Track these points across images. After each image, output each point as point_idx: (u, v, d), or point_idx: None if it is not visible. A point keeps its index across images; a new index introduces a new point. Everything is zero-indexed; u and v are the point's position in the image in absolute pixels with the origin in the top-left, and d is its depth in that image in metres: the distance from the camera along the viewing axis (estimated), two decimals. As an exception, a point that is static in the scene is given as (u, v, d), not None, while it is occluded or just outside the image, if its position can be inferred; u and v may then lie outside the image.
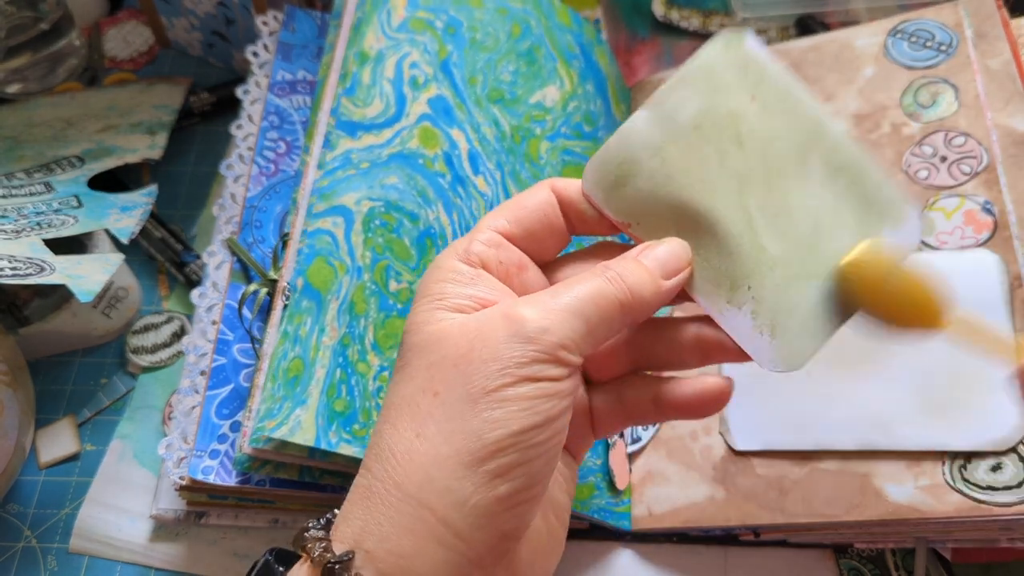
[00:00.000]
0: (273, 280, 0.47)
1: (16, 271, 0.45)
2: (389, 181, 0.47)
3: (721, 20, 0.66)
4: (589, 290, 0.31)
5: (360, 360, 0.43)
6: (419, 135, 0.49)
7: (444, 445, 0.29)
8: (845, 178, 0.34)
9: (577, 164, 0.54)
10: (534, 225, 0.34)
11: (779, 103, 0.33)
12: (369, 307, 0.44)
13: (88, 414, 0.54)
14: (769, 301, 0.33)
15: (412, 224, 0.47)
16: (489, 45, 0.53)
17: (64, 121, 0.61)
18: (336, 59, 0.50)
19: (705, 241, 0.33)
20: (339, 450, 0.41)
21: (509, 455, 0.29)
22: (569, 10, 0.58)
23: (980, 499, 0.40)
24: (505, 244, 0.34)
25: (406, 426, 0.30)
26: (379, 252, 0.45)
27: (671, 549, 0.48)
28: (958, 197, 0.47)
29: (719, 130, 0.33)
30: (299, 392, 0.41)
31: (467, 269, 0.32)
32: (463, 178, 0.49)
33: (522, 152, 0.52)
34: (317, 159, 0.48)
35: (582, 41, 0.58)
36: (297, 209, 0.48)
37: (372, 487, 0.29)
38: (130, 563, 0.49)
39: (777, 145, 0.33)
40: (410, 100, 0.49)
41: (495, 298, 0.32)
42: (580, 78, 0.57)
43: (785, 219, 0.33)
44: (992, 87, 0.48)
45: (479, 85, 0.52)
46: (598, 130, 0.56)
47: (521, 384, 0.29)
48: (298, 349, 0.42)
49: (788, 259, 0.33)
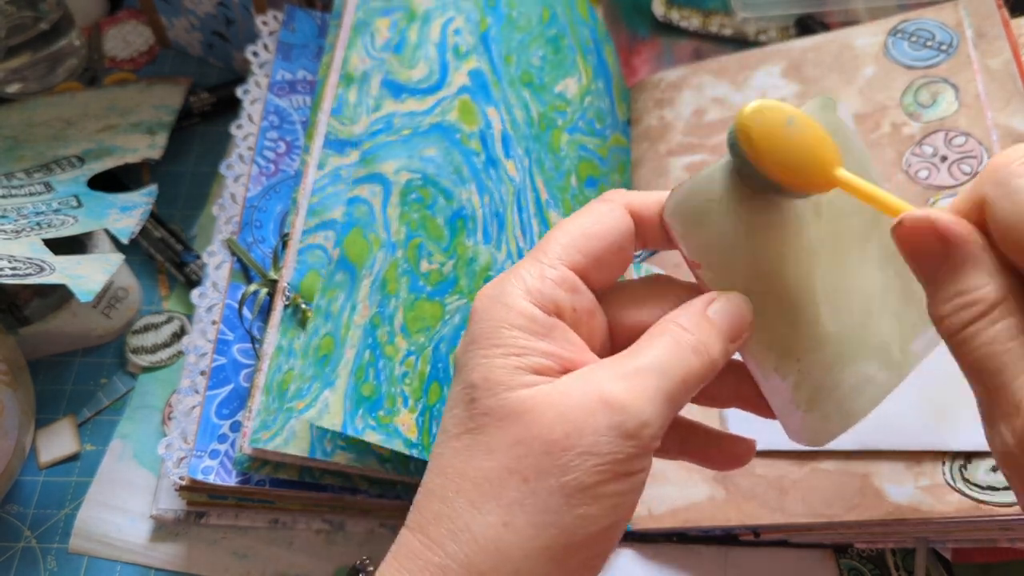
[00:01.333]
0: (273, 280, 0.47)
1: (16, 271, 0.45)
2: (428, 153, 0.45)
3: (721, 20, 0.66)
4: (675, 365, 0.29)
5: (388, 343, 0.42)
6: (459, 108, 0.47)
7: (535, 539, 0.27)
8: (895, 266, 0.33)
9: (590, 160, 0.54)
10: (608, 257, 0.31)
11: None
12: (400, 287, 0.43)
13: (88, 414, 0.54)
14: (814, 377, 0.32)
15: (446, 202, 0.45)
16: (523, 25, 0.52)
17: (64, 121, 0.61)
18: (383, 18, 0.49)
19: (769, 304, 0.32)
20: (364, 436, 0.40)
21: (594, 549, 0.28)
22: (587, 4, 0.58)
23: (980, 499, 0.40)
24: (580, 287, 0.31)
25: (491, 510, 0.28)
26: (413, 228, 0.44)
27: (671, 549, 0.48)
28: (958, 197, 0.47)
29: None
30: (328, 372, 0.40)
31: (543, 318, 0.30)
32: (495, 160, 0.48)
33: (546, 141, 0.51)
34: (317, 159, 0.48)
35: (596, 37, 0.58)
36: (297, 209, 0.48)
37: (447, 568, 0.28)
38: (130, 563, 0.49)
39: (848, 223, 0.33)
40: (452, 68, 0.48)
41: (574, 356, 0.30)
42: (594, 74, 0.56)
43: (844, 298, 0.33)
44: (992, 87, 0.48)
45: (513, 65, 0.51)
46: (606, 128, 0.56)
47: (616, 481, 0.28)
48: (329, 326, 0.41)
49: (839, 339, 0.32)
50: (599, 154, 0.55)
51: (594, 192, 0.54)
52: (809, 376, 0.32)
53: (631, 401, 0.28)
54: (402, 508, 0.48)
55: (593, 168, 0.54)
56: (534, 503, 0.27)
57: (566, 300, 0.30)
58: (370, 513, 0.48)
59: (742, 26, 0.65)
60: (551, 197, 0.51)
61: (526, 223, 0.49)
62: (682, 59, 0.65)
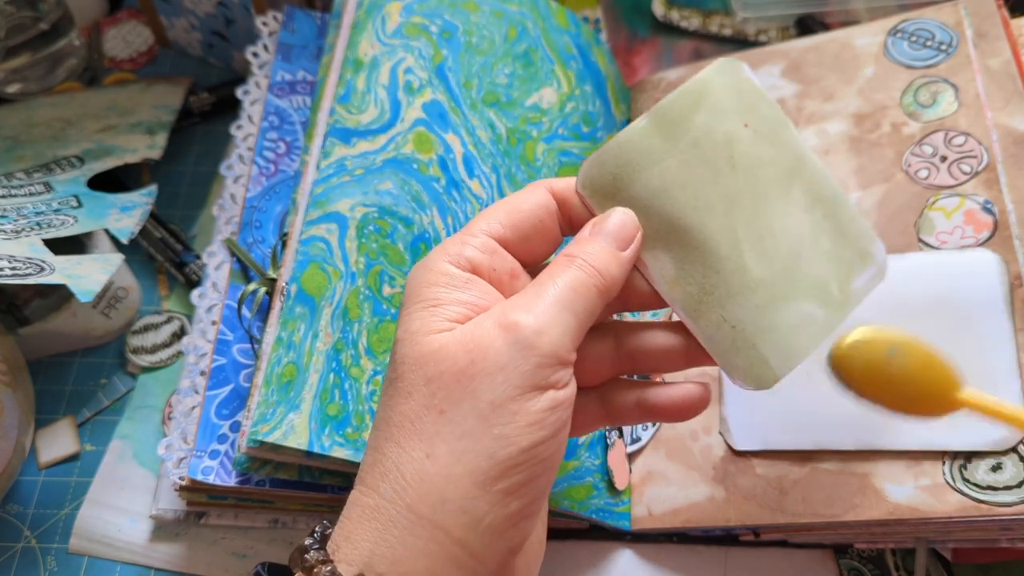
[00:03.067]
0: (272, 280, 0.47)
1: (16, 271, 0.45)
2: (383, 187, 0.47)
3: (721, 20, 0.66)
4: (568, 281, 0.31)
5: (354, 365, 0.43)
6: (413, 140, 0.49)
7: (456, 465, 0.28)
8: (823, 209, 0.36)
9: (574, 164, 0.54)
10: (529, 229, 0.34)
11: (769, 132, 0.35)
12: (363, 312, 0.44)
13: (88, 414, 0.54)
14: (748, 321, 0.34)
15: (406, 229, 0.47)
16: (484, 48, 0.53)
17: (64, 121, 0.61)
18: (335, 62, 0.50)
19: (692, 257, 0.34)
20: (332, 453, 0.41)
21: (521, 472, 0.29)
22: (567, 12, 0.58)
23: (980, 499, 0.40)
24: (499, 250, 0.33)
25: (413, 445, 0.29)
26: (373, 257, 0.45)
27: (671, 549, 0.48)
28: (958, 197, 0.47)
29: (715, 149, 0.34)
30: (292, 397, 0.42)
31: (459, 273, 0.32)
32: (458, 182, 0.49)
33: (518, 154, 0.52)
34: (316, 159, 0.49)
35: (580, 42, 0.58)
36: (297, 209, 0.48)
37: (380, 507, 0.29)
38: (130, 563, 0.49)
39: (765, 171, 0.35)
40: (405, 105, 0.49)
41: (489, 304, 0.31)
42: (578, 79, 0.57)
43: (769, 242, 0.34)
44: (992, 87, 0.48)
45: (474, 88, 0.52)
46: (596, 130, 0.56)
47: (528, 396, 0.29)
48: (292, 355, 0.42)
49: (769, 281, 0.34)
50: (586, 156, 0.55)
51: None
52: (743, 320, 0.34)
53: (526, 318, 0.29)
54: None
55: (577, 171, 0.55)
56: (451, 431, 0.29)
57: (484, 260, 0.32)
58: (370, 513, 0.48)
59: (742, 26, 0.65)
60: None
61: None
62: (682, 59, 0.65)
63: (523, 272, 0.34)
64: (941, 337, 0.33)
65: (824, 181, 0.36)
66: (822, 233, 0.35)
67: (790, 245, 0.35)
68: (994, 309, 0.43)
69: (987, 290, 0.44)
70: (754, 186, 0.34)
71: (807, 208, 0.35)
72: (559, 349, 0.30)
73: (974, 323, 0.43)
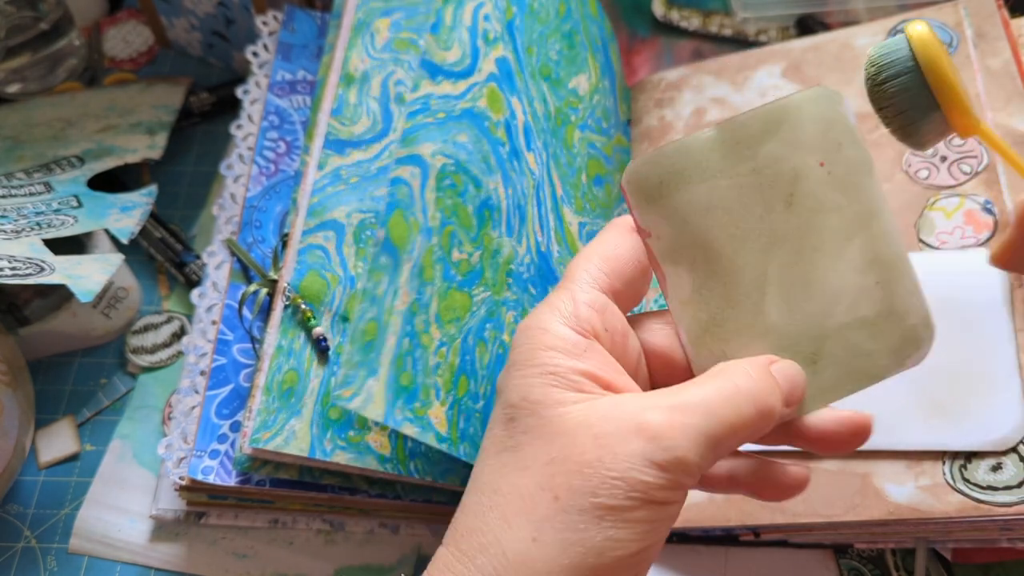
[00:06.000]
0: (273, 280, 0.47)
1: (16, 271, 0.45)
2: (460, 139, 0.45)
3: (721, 20, 0.66)
4: (726, 409, 0.29)
5: (424, 331, 0.41)
6: (488, 95, 0.47)
7: (563, 557, 0.27)
8: (878, 273, 0.32)
9: (598, 159, 0.54)
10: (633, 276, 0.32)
11: (845, 176, 0.32)
12: (435, 274, 0.42)
13: (88, 414, 0.54)
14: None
15: (476, 191, 0.45)
16: (543, 17, 0.52)
17: (64, 121, 0.61)
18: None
19: (712, 284, 0.32)
20: (402, 429, 0.39)
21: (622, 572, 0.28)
22: (597, 2, 0.58)
23: (980, 499, 0.40)
24: (611, 307, 0.32)
25: (521, 525, 0.28)
26: (447, 215, 0.43)
27: (671, 549, 0.48)
28: (958, 197, 0.47)
29: (776, 183, 0.32)
30: (372, 359, 0.39)
31: (578, 340, 0.30)
32: (518, 151, 0.48)
33: (561, 136, 0.51)
34: (317, 159, 0.49)
35: (603, 35, 0.58)
36: (297, 209, 0.48)
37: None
38: (130, 563, 0.49)
39: (825, 218, 0.32)
40: (482, 55, 0.47)
41: (609, 375, 0.30)
42: (601, 72, 0.56)
43: (799, 292, 0.32)
44: (992, 87, 0.48)
45: (534, 56, 0.50)
46: (610, 128, 0.56)
47: (645, 508, 0.28)
48: (374, 310, 0.40)
49: (783, 331, 0.32)
50: (605, 153, 0.55)
51: (601, 191, 0.54)
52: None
53: (667, 433, 0.28)
54: (402, 508, 0.48)
55: (600, 167, 0.54)
56: (563, 521, 0.28)
57: (599, 322, 0.31)
58: (370, 513, 0.48)
59: (742, 26, 0.65)
60: (565, 193, 0.51)
61: (544, 218, 0.49)
62: (682, 59, 0.65)
63: (631, 331, 0.33)
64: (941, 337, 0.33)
65: (892, 244, 0.32)
66: (866, 299, 0.32)
67: (822, 302, 0.32)
68: (994, 309, 0.43)
69: (987, 290, 0.44)
70: (805, 231, 0.32)
71: (860, 268, 0.32)
72: (688, 478, 0.28)
73: (974, 323, 0.43)
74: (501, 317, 0.45)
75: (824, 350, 0.32)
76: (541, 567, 0.27)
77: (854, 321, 0.32)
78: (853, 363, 0.32)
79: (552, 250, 0.49)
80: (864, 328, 0.32)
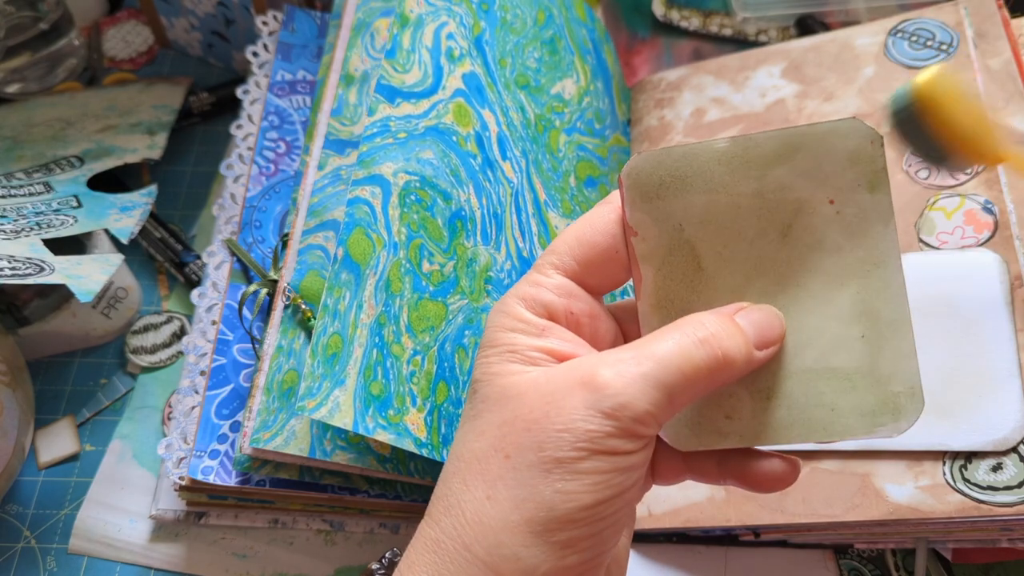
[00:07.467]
0: (273, 280, 0.47)
1: (16, 271, 0.45)
2: (425, 156, 0.46)
3: (721, 20, 0.66)
4: (675, 354, 0.29)
5: (395, 342, 0.42)
6: (454, 111, 0.47)
7: (514, 512, 0.28)
8: (866, 327, 0.30)
9: (589, 161, 0.54)
10: (605, 263, 0.32)
11: (856, 220, 0.30)
12: (404, 286, 0.43)
13: (88, 414, 0.54)
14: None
15: (445, 204, 0.46)
16: (518, 28, 0.52)
17: (64, 121, 0.61)
18: (379, 27, 0.49)
19: (686, 296, 0.32)
20: (375, 436, 0.40)
21: (580, 528, 0.28)
22: (585, 5, 0.58)
23: (980, 499, 0.40)
24: (576, 292, 0.32)
25: (476, 485, 0.29)
26: (414, 229, 0.44)
27: (671, 549, 0.48)
28: (958, 197, 0.47)
29: (775, 212, 0.31)
30: (338, 371, 0.40)
31: (536, 320, 0.31)
32: (492, 162, 0.48)
33: (544, 142, 0.51)
34: (317, 159, 0.48)
35: (594, 38, 0.58)
36: (297, 209, 0.48)
37: (440, 542, 0.29)
38: (130, 563, 0.49)
39: (821, 258, 0.30)
40: (447, 72, 0.48)
41: (568, 350, 0.31)
42: (592, 75, 0.56)
43: None
44: (992, 87, 0.48)
45: (508, 68, 0.51)
46: (605, 128, 0.56)
47: (595, 458, 0.28)
48: (337, 324, 0.41)
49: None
50: (599, 154, 0.55)
51: (594, 192, 0.54)
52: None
53: (613, 382, 0.28)
54: (402, 508, 0.48)
55: (592, 168, 0.54)
56: (514, 477, 0.28)
57: (560, 305, 0.32)
58: (370, 513, 0.48)
59: (742, 26, 0.65)
60: (549, 198, 0.51)
61: (524, 224, 0.49)
62: (682, 59, 0.65)
63: (603, 312, 0.33)
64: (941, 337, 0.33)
65: (892, 301, 0.30)
66: (844, 350, 0.30)
67: (793, 340, 0.30)
68: (994, 309, 0.43)
69: (987, 290, 0.44)
70: (796, 266, 0.31)
71: (845, 318, 0.30)
72: (637, 425, 0.28)
73: (974, 323, 0.43)
74: (481, 324, 0.45)
75: (782, 389, 0.31)
76: (496, 524, 0.28)
77: (823, 369, 0.30)
78: (811, 412, 0.30)
79: (536, 255, 0.49)
80: (833, 379, 0.30)
